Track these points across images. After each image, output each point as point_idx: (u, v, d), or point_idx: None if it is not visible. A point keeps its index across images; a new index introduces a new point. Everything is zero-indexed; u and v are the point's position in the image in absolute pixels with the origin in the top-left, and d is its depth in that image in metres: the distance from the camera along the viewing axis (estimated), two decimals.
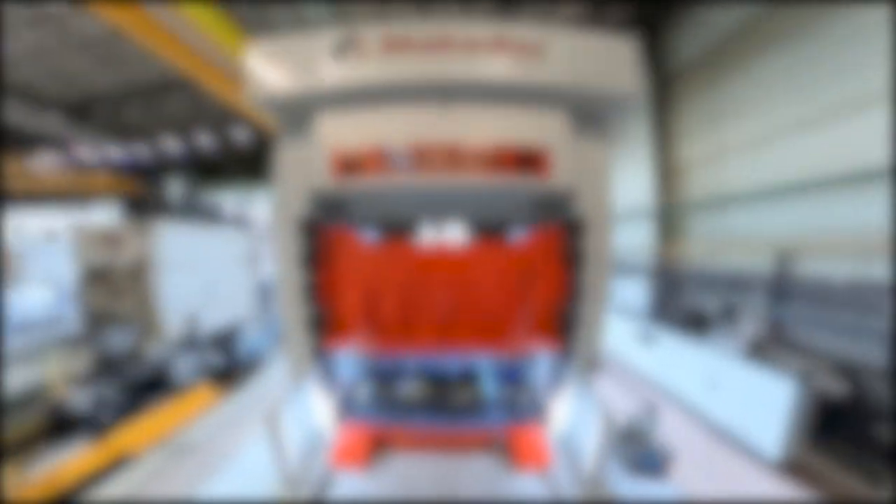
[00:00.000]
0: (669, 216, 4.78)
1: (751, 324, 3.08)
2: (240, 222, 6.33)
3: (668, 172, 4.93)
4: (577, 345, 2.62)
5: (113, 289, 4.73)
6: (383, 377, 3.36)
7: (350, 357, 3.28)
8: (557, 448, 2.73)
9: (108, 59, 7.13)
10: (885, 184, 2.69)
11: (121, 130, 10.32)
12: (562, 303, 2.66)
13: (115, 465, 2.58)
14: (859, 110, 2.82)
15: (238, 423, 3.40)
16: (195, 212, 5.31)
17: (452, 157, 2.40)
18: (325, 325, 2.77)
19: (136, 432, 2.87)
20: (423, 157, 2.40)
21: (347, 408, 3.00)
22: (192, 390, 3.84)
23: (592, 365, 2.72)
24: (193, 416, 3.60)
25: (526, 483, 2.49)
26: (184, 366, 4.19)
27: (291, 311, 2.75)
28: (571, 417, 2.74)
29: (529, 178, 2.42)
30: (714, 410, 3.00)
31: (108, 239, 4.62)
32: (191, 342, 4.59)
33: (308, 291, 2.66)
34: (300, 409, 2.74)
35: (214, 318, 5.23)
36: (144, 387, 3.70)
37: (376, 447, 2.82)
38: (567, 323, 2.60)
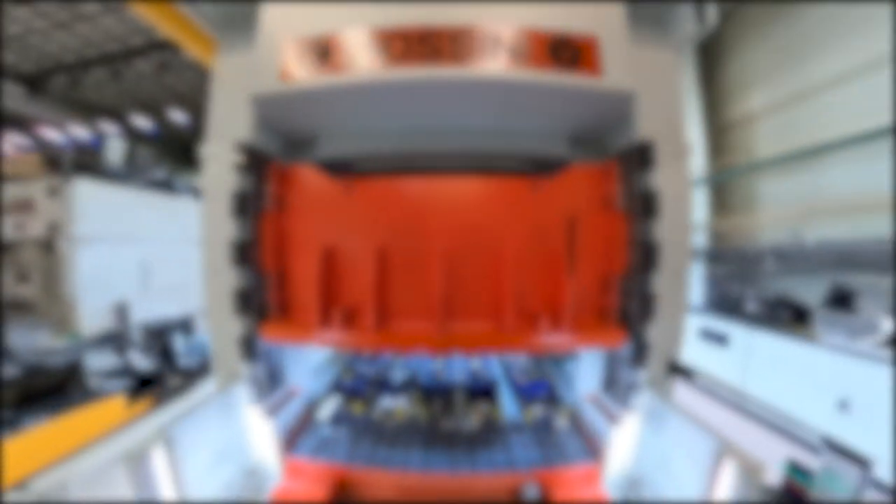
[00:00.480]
0: (725, 182, 3.93)
1: (887, 313, 2.18)
2: (199, 193, 5.41)
3: (719, 130, 4.12)
4: (650, 339, 1.73)
5: (18, 268, 3.81)
6: (352, 392, 2.40)
7: (303, 356, 2.33)
8: (616, 487, 1.77)
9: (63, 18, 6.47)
10: None
11: (84, 107, 9.57)
12: (622, 275, 1.79)
13: None
14: None
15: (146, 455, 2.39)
16: (137, 176, 4.39)
17: (456, 42, 1.59)
18: (265, 304, 1.88)
19: None
20: (418, 46, 1.60)
21: (297, 437, 2.05)
22: (97, 405, 2.85)
23: (672, 370, 1.81)
24: (86, 443, 2.54)
25: None
26: (96, 370, 3.22)
27: (216, 280, 1.86)
28: (644, 453, 1.79)
29: (570, 73, 1.61)
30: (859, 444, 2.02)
31: (16, 204, 3.73)
32: (115, 339, 3.63)
33: (242, 252, 1.78)
34: (226, 434, 1.79)
35: (154, 309, 4.26)
36: (28, 399, 2.73)
37: (340, 496, 1.84)
38: (632, 305, 1.72)
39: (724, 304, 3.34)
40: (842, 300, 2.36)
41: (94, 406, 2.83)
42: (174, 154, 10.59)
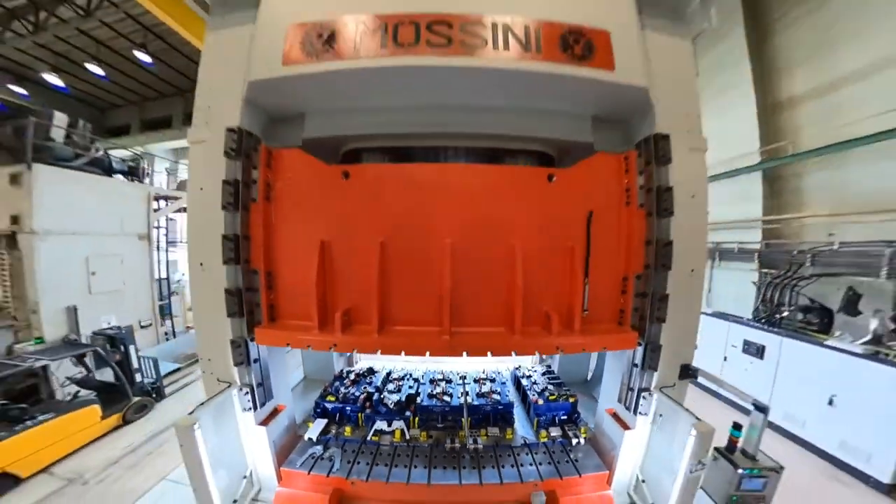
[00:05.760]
0: (778, 170, 4.08)
1: (876, 316, 2.56)
2: (135, 175, 5.46)
3: (770, 111, 4.30)
4: (666, 341, 2.01)
5: None
6: (337, 415, 2.61)
7: (284, 374, 2.44)
8: (624, 493, 2.12)
9: None
10: None
11: None
12: (638, 275, 2.06)
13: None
14: None
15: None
16: (85, 158, 4.45)
17: (467, 31, 1.87)
18: (258, 305, 2.15)
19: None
20: (427, 33, 1.86)
21: (288, 452, 2.29)
22: (79, 413, 3.28)
23: (688, 373, 2.09)
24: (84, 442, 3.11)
25: None
26: (60, 378, 3.50)
27: (206, 280, 2.12)
28: (653, 451, 2.09)
29: (583, 66, 1.89)
30: (825, 431, 2.64)
31: None
32: (72, 345, 3.88)
33: (234, 247, 2.05)
34: (223, 442, 2.05)
35: (97, 317, 4.29)
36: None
37: None
38: (653, 307, 1.99)
39: (767, 312, 3.64)
40: (851, 303, 2.71)
41: (77, 414, 3.21)
42: (88, 115, 10.77)
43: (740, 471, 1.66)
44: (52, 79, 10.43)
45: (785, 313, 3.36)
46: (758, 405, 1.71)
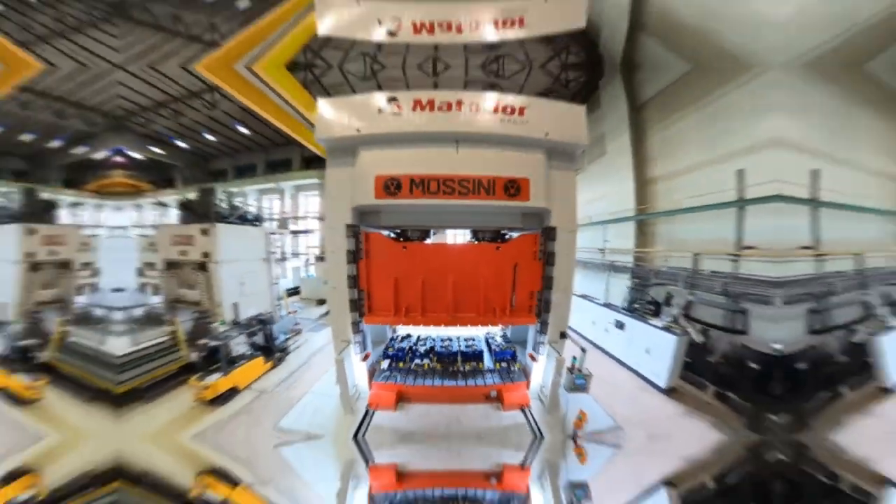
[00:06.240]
0: (643, 221, 5.83)
1: (676, 307, 4.11)
2: (259, 221, 7.23)
3: (643, 184, 5.96)
4: (551, 322, 3.55)
5: (182, 279, 5.73)
6: (394, 357, 4.21)
7: (381, 331, 4.12)
8: (535, 394, 3.68)
9: None
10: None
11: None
12: (540, 291, 3.58)
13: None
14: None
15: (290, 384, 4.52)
16: (235, 215, 6.21)
17: (461, 184, 3.37)
18: (363, 305, 3.70)
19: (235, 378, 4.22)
20: (441, 187, 3.35)
21: (373, 375, 3.92)
22: (254, 361, 4.85)
23: (563, 336, 3.63)
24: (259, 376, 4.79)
25: (513, 417, 3.42)
26: (239, 342, 5.12)
27: (338, 295, 3.68)
28: (546, 372, 3.67)
29: (515, 200, 3.40)
30: (644, 365, 4.17)
31: (182, 238, 5.64)
32: (239, 325, 5.50)
33: (352, 280, 3.61)
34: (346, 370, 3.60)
35: (247, 309, 6.05)
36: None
37: (401, 398, 3.73)
38: (543, 306, 3.52)
39: (635, 303, 5.24)
40: (668, 300, 4.29)
41: (254, 362, 4.87)
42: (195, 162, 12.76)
43: (573, 375, 3.16)
44: (180, 143, 12.18)
45: (636, 305, 4.93)
46: (582, 348, 3.20)
